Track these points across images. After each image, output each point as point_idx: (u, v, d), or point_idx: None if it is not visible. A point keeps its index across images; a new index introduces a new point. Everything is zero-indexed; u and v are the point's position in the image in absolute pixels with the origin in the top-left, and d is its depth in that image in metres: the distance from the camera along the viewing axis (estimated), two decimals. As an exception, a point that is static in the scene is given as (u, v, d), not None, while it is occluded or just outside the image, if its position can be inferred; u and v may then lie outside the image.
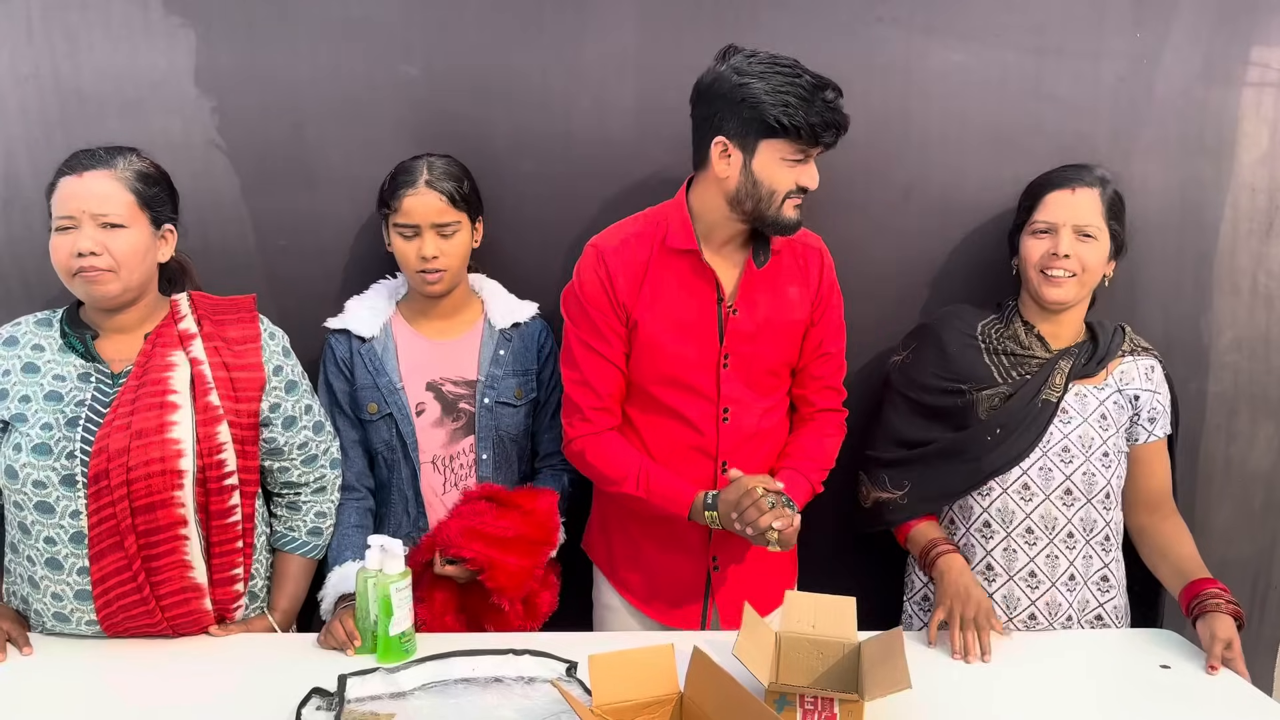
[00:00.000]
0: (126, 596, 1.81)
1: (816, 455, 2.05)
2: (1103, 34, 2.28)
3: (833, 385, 2.11)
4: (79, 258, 1.75)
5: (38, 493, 1.78)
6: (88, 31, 2.18)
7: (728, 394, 1.99)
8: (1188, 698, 1.76)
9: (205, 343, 1.90)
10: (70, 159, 1.82)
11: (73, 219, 1.77)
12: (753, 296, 1.98)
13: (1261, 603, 2.52)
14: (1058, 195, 2.02)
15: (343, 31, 2.21)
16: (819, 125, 1.79)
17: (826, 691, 1.56)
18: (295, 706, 1.60)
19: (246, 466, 1.90)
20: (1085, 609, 2.05)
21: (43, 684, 1.71)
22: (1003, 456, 2.02)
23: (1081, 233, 2.00)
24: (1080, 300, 2.06)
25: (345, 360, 2.10)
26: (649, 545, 2.08)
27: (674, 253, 1.96)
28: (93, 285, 1.78)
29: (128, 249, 1.79)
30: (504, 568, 1.93)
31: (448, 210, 2.01)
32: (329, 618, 1.95)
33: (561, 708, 1.62)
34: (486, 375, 2.12)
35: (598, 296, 1.97)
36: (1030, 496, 2.04)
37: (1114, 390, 2.06)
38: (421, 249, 2.01)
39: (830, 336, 2.07)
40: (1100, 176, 2.03)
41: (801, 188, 1.86)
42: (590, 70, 2.25)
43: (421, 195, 2.00)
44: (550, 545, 2.05)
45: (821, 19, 2.25)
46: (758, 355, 2.00)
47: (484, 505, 2.00)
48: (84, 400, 1.81)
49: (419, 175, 2.01)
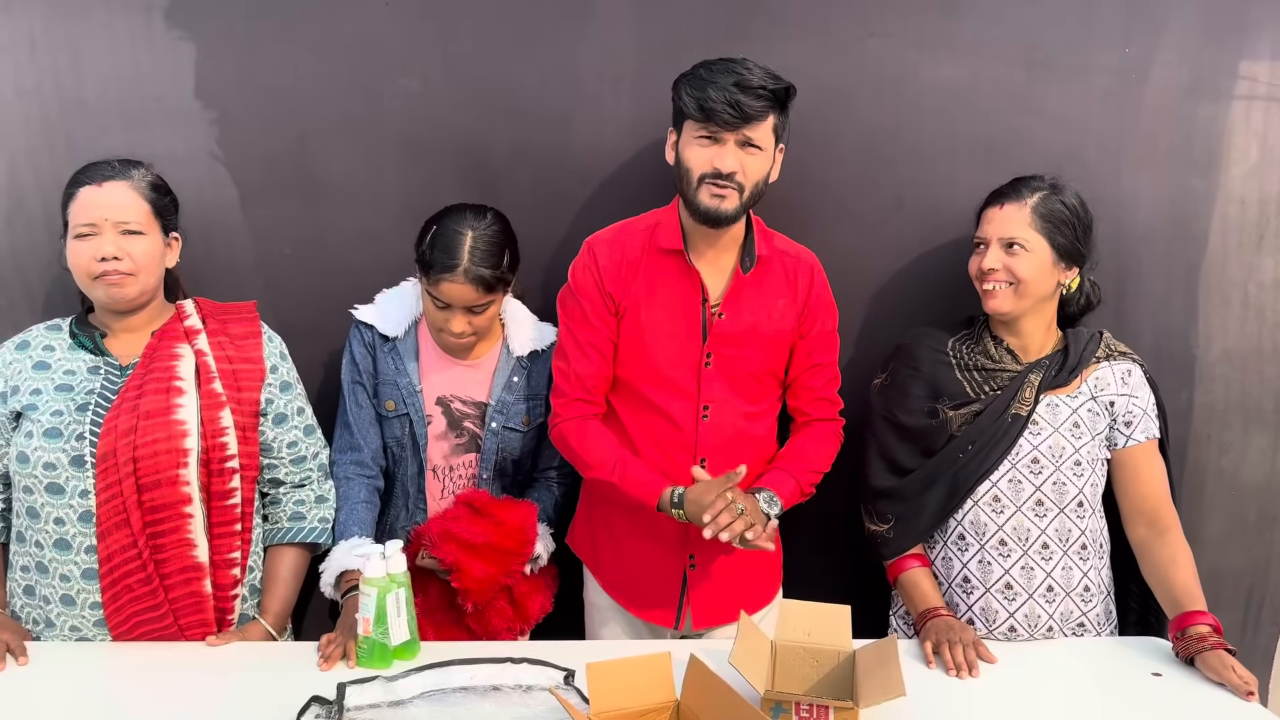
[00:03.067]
0: (132, 575, 1.86)
1: (808, 457, 2.08)
2: (1092, 49, 2.31)
3: (825, 396, 2.14)
4: (101, 262, 1.86)
5: (48, 474, 1.85)
6: (90, 44, 2.20)
7: (708, 393, 2.04)
8: (1180, 705, 1.77)
9: (210, 338, 2.00)
10: (87, 171, 1.92)
11: (94, 226, 1.88)
12: (739, 302, 2.04)
13: (1256, 614, 2.54)
14: (989, 212, 2.08)
15: (343, 45, 2.24)
16: (712, 103, 1.86)
17: (822, 699, 1.58)
18: (295, 714, 1.61)
19: (247, 451, 1.98)
20: (1068, 620, 2.05)
21: (43, 691, 1.72)
22: (973, 471, 2.05)
23: (1008, 244, 2.02)
24: (1026, 310, 2.06)
25: (370, 345, 2.12)
26: (629, 540, 2.11)
27: (663, 253, 2.04)
28: (113, 288, 1.89)
29: (146, 253, 1.91)
30: (470, 572, 1.98)
31: (482, 296, 2.01)
32: (329, 591, 2.00)
33: (559, 715, 1.63)
34: (497, 400, 2.14)
35: (587, 285, 2.04)
36: (1001, 509, 2.05)
37: (1088, 398, 2.08)
38: (451, 324, 2.03)
39: (820, 348, 2.11)
40: (1036, 187, 2.05)
41: (715, 170, 1.91)
42: (588, 83, 2.29)
43: (459, 284, 1.98)
44: (522, 557, 2.07)
45: (816, 34, 2.28)
46: (741, 358, 2.04)
47: (463, 510, 2.05)
48: (93, 389, 1.90)
49: (459, 259, 1.97)
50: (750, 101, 1.87)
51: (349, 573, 1.96)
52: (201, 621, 1.92)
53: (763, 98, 1.88)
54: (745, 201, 1.96)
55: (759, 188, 1.98)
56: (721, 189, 1.92)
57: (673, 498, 1.93)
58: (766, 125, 1.93)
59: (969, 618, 2.06)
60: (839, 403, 2.16)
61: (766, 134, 1.94)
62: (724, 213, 1.94)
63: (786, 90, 1.93)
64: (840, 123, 2.30)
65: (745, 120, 1.88)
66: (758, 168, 1.95)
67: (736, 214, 1.96)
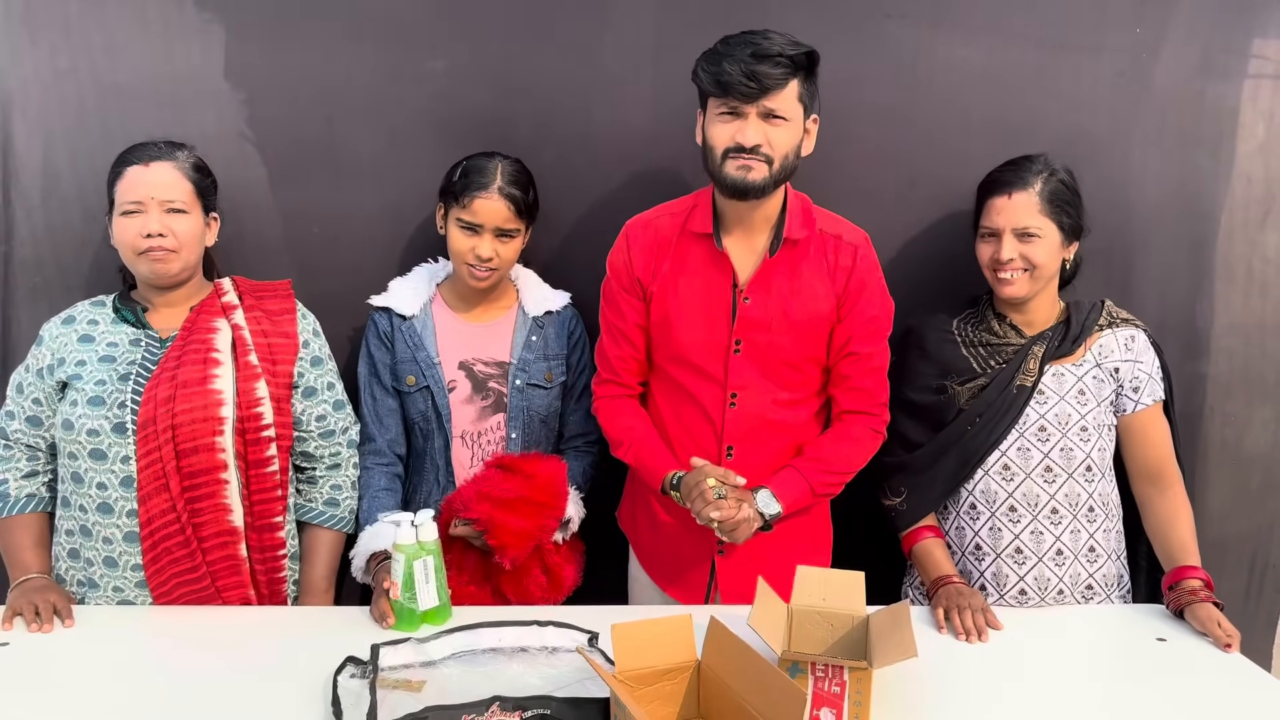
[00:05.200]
0: (171, 539, 1.94)
1: (828, 457, 2.02)
2: (1103, 29, 2.34)
3: (861, 387, 2.03)
4: (147, 238, 1.95)
5: (91, 440, 1.93)
6: (123, 28, 2.24)
7: (736, 379, 2.01)
8: (1185, 670, 1.82)
9: (246, 313, 2.07)
10: (135, 151, 2.00)
11: (140, 204, 1.96)
12: (767, 286, 1.98)
13: (1260, 581, 2.58)
14: (995, 202, 2.08)
15: (369, 28, 2.28)
16: (728, 76, 1.81)
17: (837, 660, 1.60)
18: (331, 674, 1.67)
19: (283, 422, 2.05)
20: (1076, 582, 2.09)
21: (88, 653, 1.78)
22: (982, 442, 2.09)
23: (1022, 234, 2.04)
24: (1039, 291, 2.11)
25: (387, 334, 2.18)
26: (663, 518, 2.13)
27: (695, 236, 2.02)
28: (157, 263, 1.97)
29: (189, 231, 2.00)
30: (505, 526, 2.00)
31: (513, 218, 2.09)
32: (360, 575, 2.07)
33: (585, 675, 1.68)
34: (519, 359, 2.19)
35: (620, 269, 2.07)
36: (1011, 477, 2.09)
37: (1092, 365, 2.11)
38: (479, 248, 2.08)
39: (859, 336, 2.00)
40: (1039, 170, 2.06)
41: (738, 145, 1.85)
42: (609, 64, 2.32)
43: (492, 201, 2.06)
44: (557, 510, 2.08)
45: (832, 15, 2.31)
46: (774, 345, 1.99)
47: (494, 471, 2.08)
48: (135, 360, 1.98)
49: (493, 179, 2.07)
50: (768, 70, 1.79)
51: (377, 554, 2.02)
52: (239, 584, 2.00)
53: (781, 65, 1.80)
54: (775, 174, 1.87)
55: (789, 160, 1.89)
56: (748, 160, 1.85)
57: (672, 481, 1.97)
58: (789, 93, 1.84)
59: (981, 584, 2.11)
60: (880, 395, 2.07)
61: (790, 103, 1.85)
62: (752, 183, 1.86)
63: (808, 55, 1.85)
64: (854, 102, 2.34)
65: (764, 90, 1.81)
66: (784, 139, 1.86)
67: (766, 185, 1.87)
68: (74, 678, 1.70)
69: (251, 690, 1.67)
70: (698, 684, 1.59)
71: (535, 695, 1.60)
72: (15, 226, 2.29)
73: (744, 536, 1.90)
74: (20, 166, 2.27)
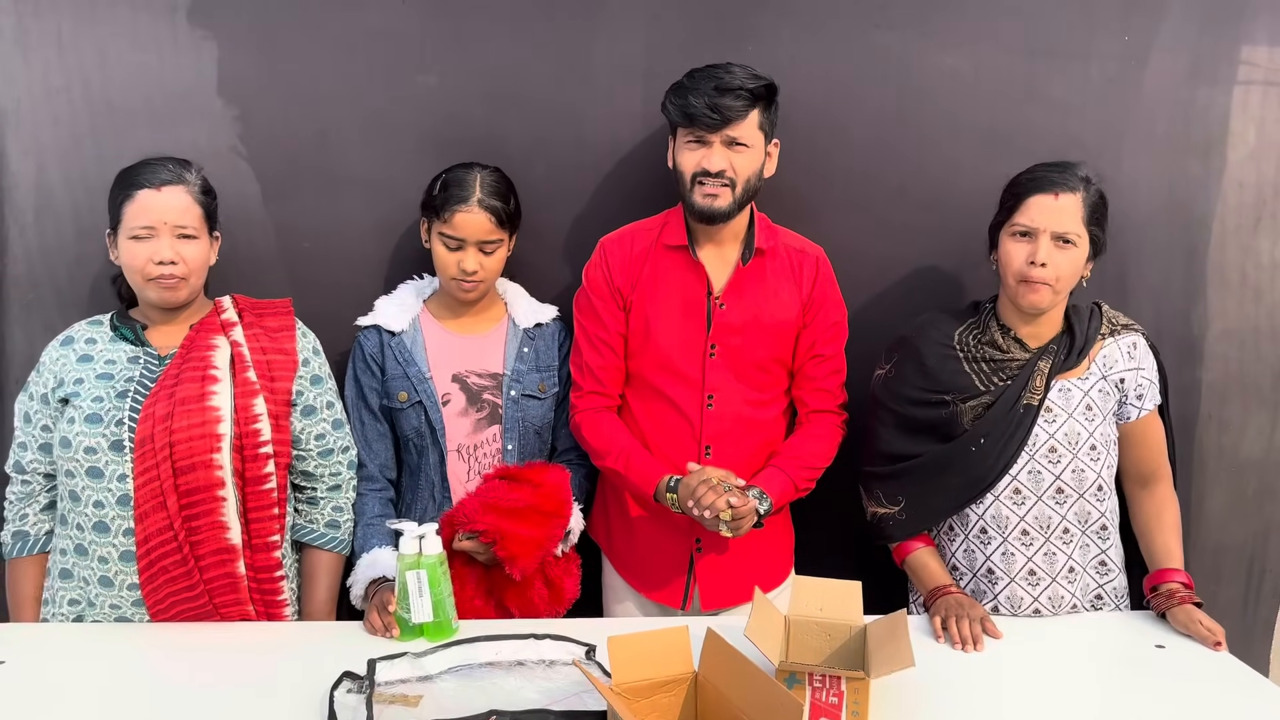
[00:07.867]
0: (168, 557, 1.93)
1: (803, 455, 2.12)
2: (1092, 36, 2.35)
3: (826, 388, 2.17)
4: (159, 265, 1.94)
5: (88, 458, 1.92)
6: (116, 44, 2.25)
7: (712, 382, 2.11)
8: (1183, 677, 1.82)
9: (245, 330, 2.06)
10: (144, 172, 1.96)
11: (152, 230, 1.94)
12: (740, 292, 2.11)
13: (1257, 586, 2.59)
14: (1040, 200, 1.96)
15: (362, 42, 2.29)
16: (693, 109, 1.96)
17: (834, 669, 1.60)
18: (328, 689, 1.66)
19: (281, 439, 2.03)
20: (1087, 593, 2.08)
21: (85, 669, 1.78)
22: (991, 466, 2.03)
23: (1061, 239, 1.95)
24: (1056, 304, 2.03)
25: (375, 355, 2.17)
26: (640, 522, 2.18)
27: (670, 249, 2.13)
28: (166, 291, 1.97)
29: (198, 257, 2.00)
30: (515, 536, 1.98)
31: (495, 230, 2.09)
32: (359, 603, 2.05)
33: (582, 688, 1.68)
34: (512, 370, 2.20)
35: (597, 282, 2.15)
36: (1022, 500, 2.05)
37: (1098, 378, 2.06)
38: (463, 262, 2.09)
39: (823, 339, 2.15)
40: (1084, 178, 1.98)
41: (704, 170, 2.00)
42: (600, 78, 2.33)
43: (473, 214, 2.07)
44: (563, 518, 2.08)
45: (822, 26, 2.33)
46: (745, 348, 2.11)
47: (497, 482, 2.07)
48: (133, 377, 1.97)
49: (471, 192, 2.07)
50: (729, 103, 1.95)
51: (375, 581, 2.03)
52: (236, 601, 1.98)
53: (742, 96, 1.96)
54: (739, 197, 2.03)
55: (751, 183, 2.04)
56: (713, 188, 2.00)
57: (668, 484, 2.01)
58: (750, 122, 2.00)
59: (994, 606, 2.07)
60: (841, 395, 2.20)
61: (751, 131, 2.01)
62: (718, 210, 2.02)
63: (767, 87, 2.00)
64: (845, 112, 2.35)
65: (726, 121, 1.97)
66: (746, 164, 2.02)
67: (731, 210, 2.03)
68: (71, 694, 1.69)
69: (248, 706, 1.67)
70: (695, 696, 1.58)
71: (532, 709, 1.60)
72: (9, 243, 2.29)
73: (745, 529, 1.95)
74: (13, 184, 2.27)
